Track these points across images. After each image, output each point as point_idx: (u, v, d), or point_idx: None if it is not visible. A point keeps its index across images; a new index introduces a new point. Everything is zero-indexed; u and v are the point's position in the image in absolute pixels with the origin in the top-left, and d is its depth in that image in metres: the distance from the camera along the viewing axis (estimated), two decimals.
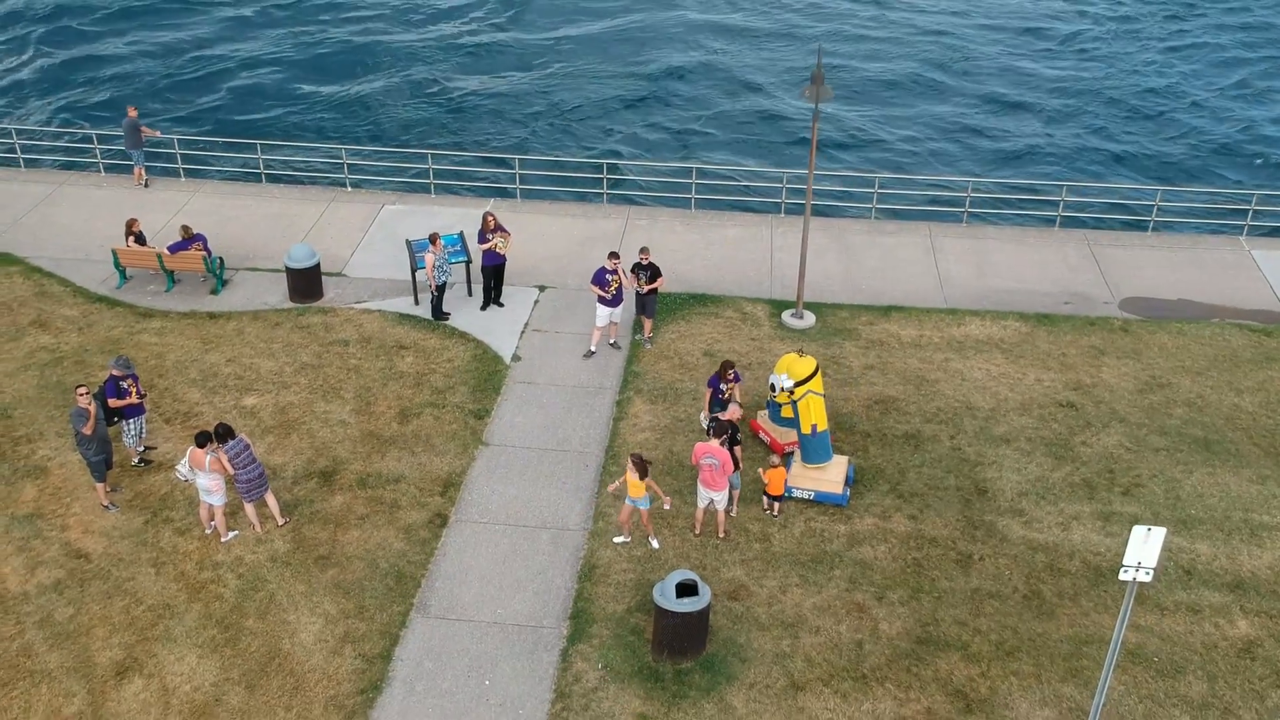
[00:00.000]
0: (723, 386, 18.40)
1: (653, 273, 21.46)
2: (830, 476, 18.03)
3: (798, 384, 17.71)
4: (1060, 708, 14.61)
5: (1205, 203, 29.91)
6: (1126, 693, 14.83)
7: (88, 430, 16.92)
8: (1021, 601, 16.19)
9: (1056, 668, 15.13)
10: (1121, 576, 12.46)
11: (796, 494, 17.92)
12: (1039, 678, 15.00)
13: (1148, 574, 12.54)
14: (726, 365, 18.44)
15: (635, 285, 21.44)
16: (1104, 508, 17.91)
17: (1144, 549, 12.47)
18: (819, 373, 18.04)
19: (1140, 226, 27.47)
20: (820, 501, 17.88)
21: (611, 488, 17.10)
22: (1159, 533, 12.35)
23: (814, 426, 17.90)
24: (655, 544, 16.98)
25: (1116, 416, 20.14)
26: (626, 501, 16.63)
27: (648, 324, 21.94)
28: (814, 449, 18.05)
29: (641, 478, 16.13)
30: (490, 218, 22.70)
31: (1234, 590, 16.47)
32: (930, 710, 14.52)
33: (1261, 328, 22.98)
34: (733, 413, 17.48)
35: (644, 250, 21.52)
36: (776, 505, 17.59)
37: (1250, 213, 26.76)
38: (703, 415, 19.28)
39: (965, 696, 14.72)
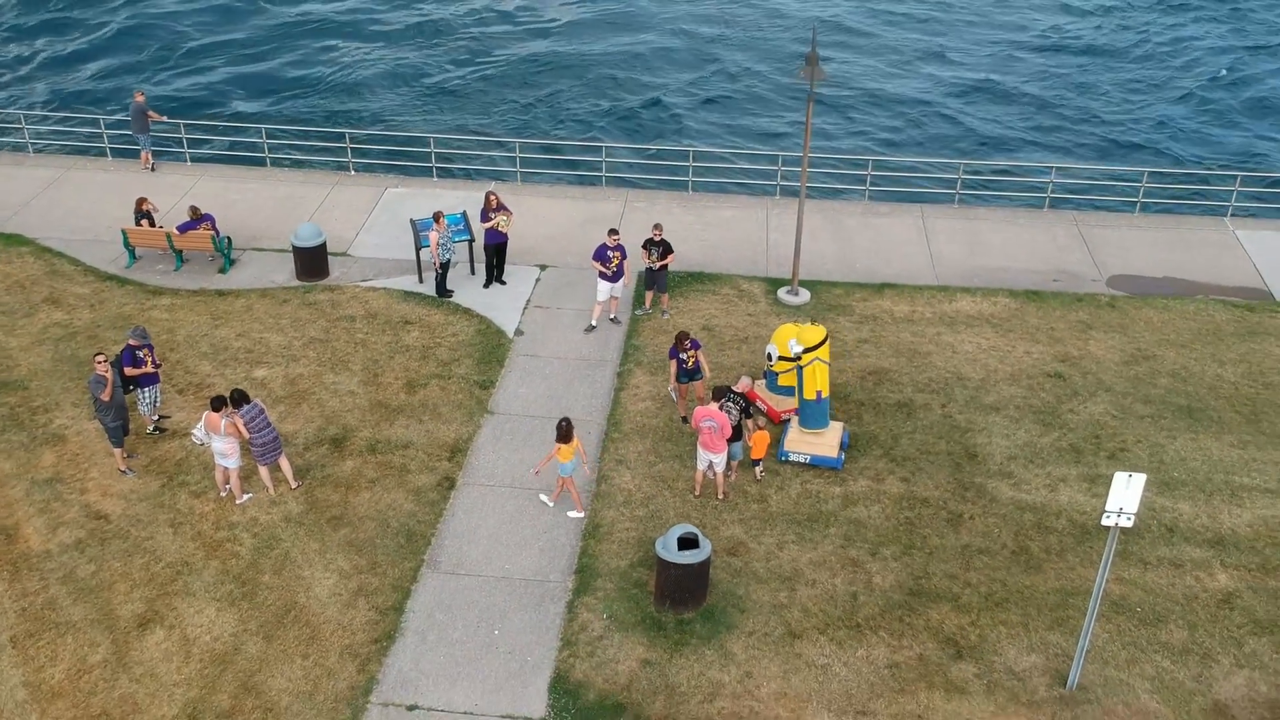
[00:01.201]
0: (683, 356, 18.99)
1: (664, 249, 22.05)
2: (826, 441, 18.63)
3: (806, 350, 18.24)
4: (1047, 654, 15.22)
5: (1190, 184, 30.57)
6: (1110, 640, 15.44)
7: (106, 396, 17.46)
8: (1010, 557, 16.80)
9: (1043, 617, 15.74)
10: (1104, 522, 13.09)
11: (793, 458, 18.51)
12: (1026, 626, 15.61)
13: (1129, 519, 13.19)
14: (682, 335, 19.03)
15: (647, 260, 22.02)
16: (1090, 470, 18.53)
17: (1125, 495, 13.11)
18: (827, 341, 18.59)
19: (1127, 207, 28.10)
20: (816, 465, 18.47)
21: (535, 471, 17.57)
22: (1139, 479, 12.99)
23: (818, 393, 18.46)
24: (580, 515, 17.48)
25: (1103, 386, 20.75)
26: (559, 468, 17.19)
27: (664, 298, 22.55)
28: (813, 414, 18.63)
29: (567, 441, 16.70)
30: (493, 197, 23.27)
31: (1214, 546, 17.10)
32: (922, 657, 15.13)
33: (1244, 303, 23.61)
34: (742, 385, 18.03)
35: (657, 227, 22.13)
36: (758, 469, 18.15)
37: (1234, 194, 27.41)
38: (670, 387, 19.78)
39: (956, 644, 15.33)
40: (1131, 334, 22.42)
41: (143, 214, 24.24)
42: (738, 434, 17.64)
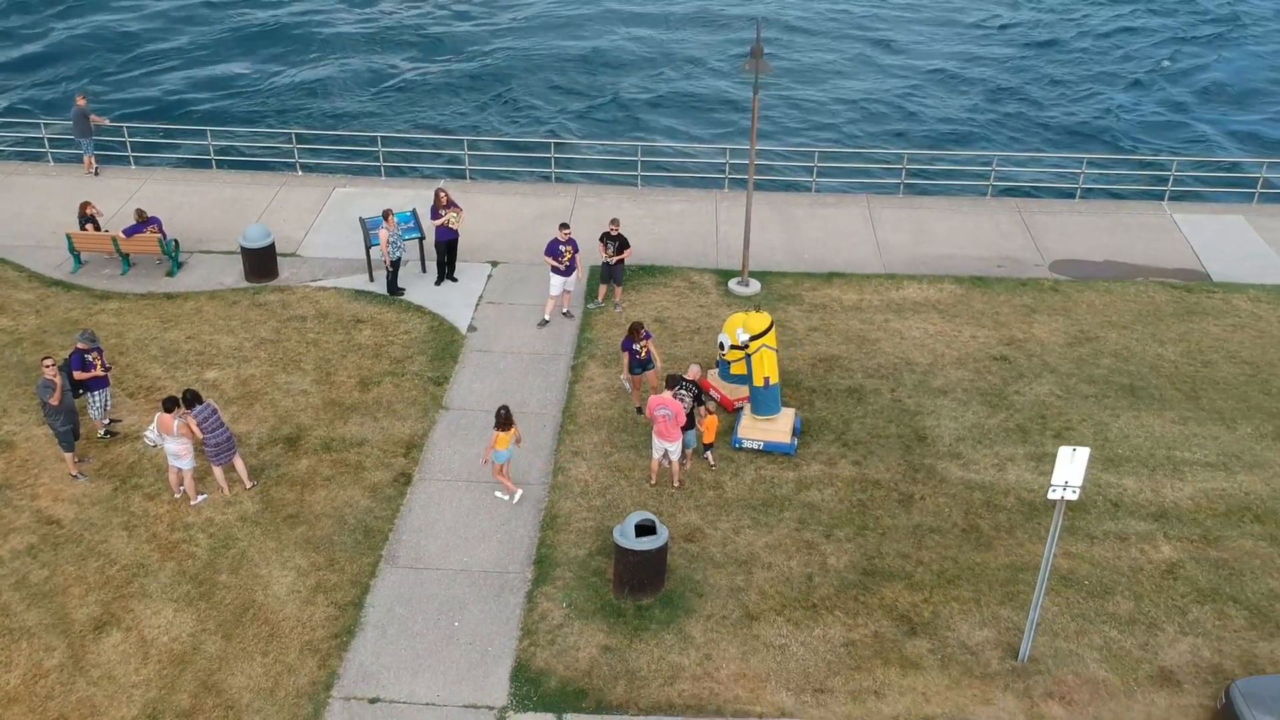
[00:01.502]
0: (635, 346, 19.18)
1: (621, 243, 22.21)
2: (779, 427, 18.87)
3: (752, 338, 18.48)
4: (999, 628, 15.55)
5: (1128, 170, 31.24)
6: (1060, 612, 15.80)
7: (55, 400, 17.30)
8: (960, 535, 17.14)
9: (994, 593, 16.08)
10: (1050, 496, 13.42)
11: (747, 444, 18.74)
12: (978, 602, 15.94)
13: (1074, 493, 13.52)
14: (636, 326, 19.23)
15: (604, 254, 22.16)
16: (1036, 449, 18.92)
17: (1070, 469, 13.45)
18: (773, 328, 18.85)
19: (1068, 194, 28.66)
20: (769, 451, 18.70)
21: (484, 461, 17.69)
22: (1083, 453, 13.33)
23: (766, 379, 18.71)
24: (510, 498, 17.67)
25: (1047, 368, 21.18)
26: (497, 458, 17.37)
27: (618, 291, 22.70)
28: (764, 401, 18.87)
29: (506, 429, 16.90)
30: (443, 194, 23.29)
31: (1158, 519, 17.54)
32: (877, 634, 15.40)
33: (1182, 284, 24.19)
34: (692, 373, 18.22)
35: (614, 221, 22.32)
36: (710, 454, 18.36)
37: (1171, 179, 28.05)
38: (623, 377, 19.94)
39: (909, 620, 15.62)
40: (1074, 316, 22.89)
41: (87, 218, 23.99)
42: (691, 422, 17.84)
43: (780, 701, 14.44)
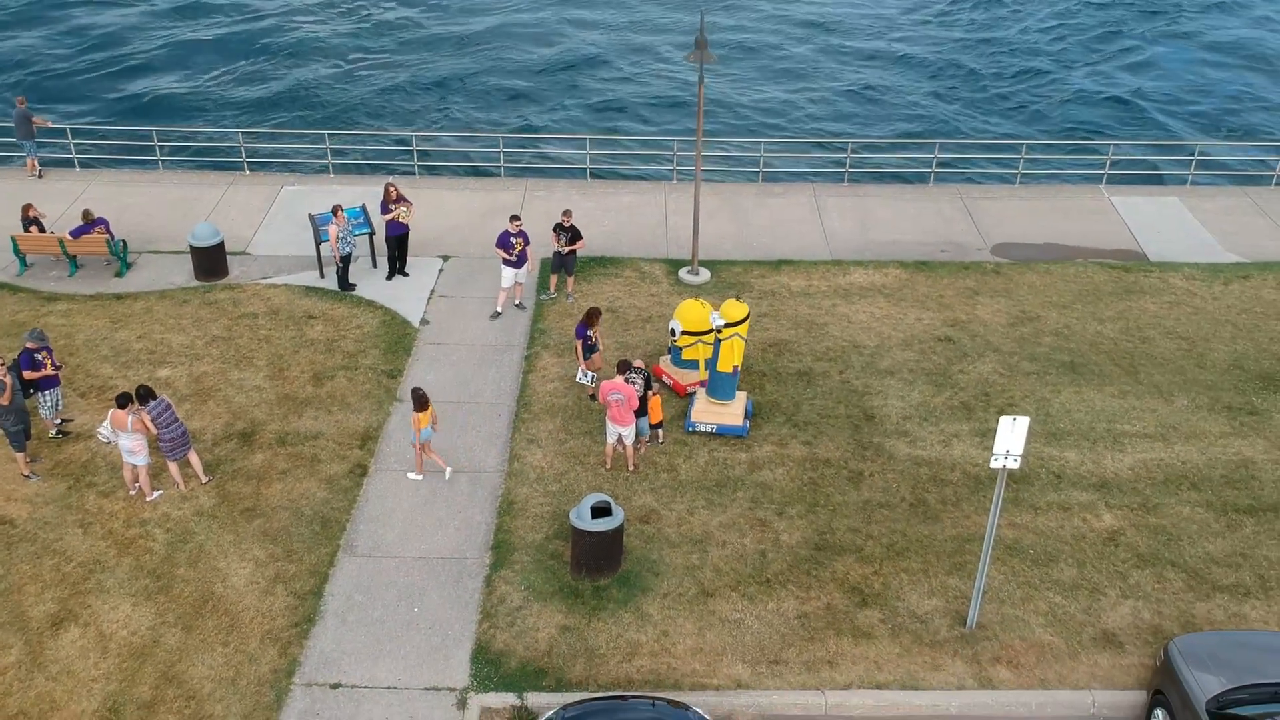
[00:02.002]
0: (589, 333, 19.45)
1: (573, 234, 22.40)
2: (731, 410, 19.17)
3: (728, 325, 18.62)
4: (947, 597, 15.96)
5: (1067, 154, 31.95)
6: (1006, 580, 16.25)
7: (4, 400, 17.23)
8: (909, 509, 17.54)
9: (942, 563, 16.50)
10: (992, 464, 13.83)
11: (700, 428, 19.03)
12: (926, 573, 16.35)
13: (1015, 460, 13.95)
14: (594, 312, 19.50)
15: (557, 245, 22.35)
16: (981, 425, 19.39)
17: (1011, 438, 13.87)
18: (749, 319, 19.02)
19: (1008, 179, 29.27)
20: (723, 434, 19.00)
21: (416, 442, 17.93)
22: (1023, 421, 13.76)
23: (735, 367, 18.89)
24: (415, 476, 17.98)
25: (991, 347, 21.68)
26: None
27: (570, 281, 22.89)
28: (724, 386, 19.07)
29: (424, 409, 17.30)
30: (392, 189, 23.39)
31: (1099, 489, 18.06)
32: (830, 606, 15.76)
33: (1120, 264, 24.82)
34: (595, 362, 18.59)
35: (566, 213, 22.50)
36: (660, 431, 18.66)
37: (1108, 162, 28.74)
38: (581, 368, 20.08)
39: (861, 592, 15.99)
40: (1016, 298, 23.43)
41: (30, 220, 23.82)
42: (643, 408, 18.10)
43: (736, 674, 14.75)
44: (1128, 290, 23.83)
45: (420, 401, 17.42)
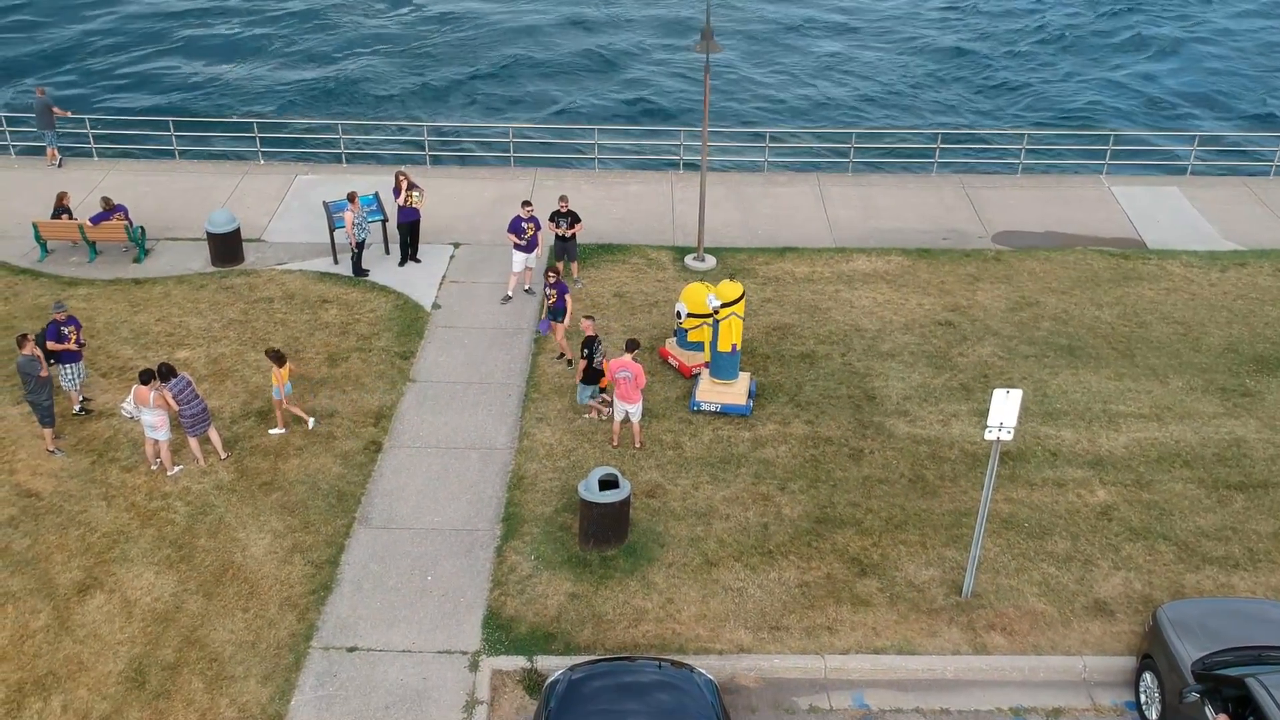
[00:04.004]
0: (549, 289, 20.34)
1: (572, 219, 22.90)
2: (735, 390, 19.67)
3: (724, 304, 19.13)
4: (943, 568, 16.44)
5: (1068, 144, 32.39)
6: (1001, 552, 16.73)
7: (45, 373, 17.86)
8: (908, 485, 18.03)
9: (939, 536, 16.98)
10: (986, 436, 14.30)
11: (705, 407, 19.52)
12: (924, 545, 16.83)
13: (1009, 433, 14.41)
14: (549, 270, 20.49)
15: (556, 231, 22.86)
16: (979, 406, 19.86)
17: (1004, 410, 14.33)
18: (744, 298, 19.50)
19: (1010, 169, 29.71)
20: (726, 413, 19.50)
21: (280, 397, 18.68)
22: (1016, 394, 14.22)
23: (734, 346, 19.39)
24: (278, 431, 18.80)
25: (990, 331, 22.15)
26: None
27: (574, 266, 23.40)
28: (725, 365, 19.58)
29: (281, 365, 18.29)
30: (403, 177, 23.90)
31: (1094, 466, 18.52)
32: (829, 575, 16.25)
33: (1120, 252, 25.26)
34: (587, 326, 19.07)
35: (563, 199, 22.99)
36: (605, 395, 19.28)
37: (1108, 152, 29.17)
38: (560, 343, 20.81)
39: (860, 563, 16.49)
40: (1016, 284, 23.88)
41: (63, 209, 24.41)
42: (596, 375, 18.81)
43: (739, 639, 15.25)
44: (1126, 277, 24.26)
45: (278, 358, 18.34)
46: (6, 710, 14.11)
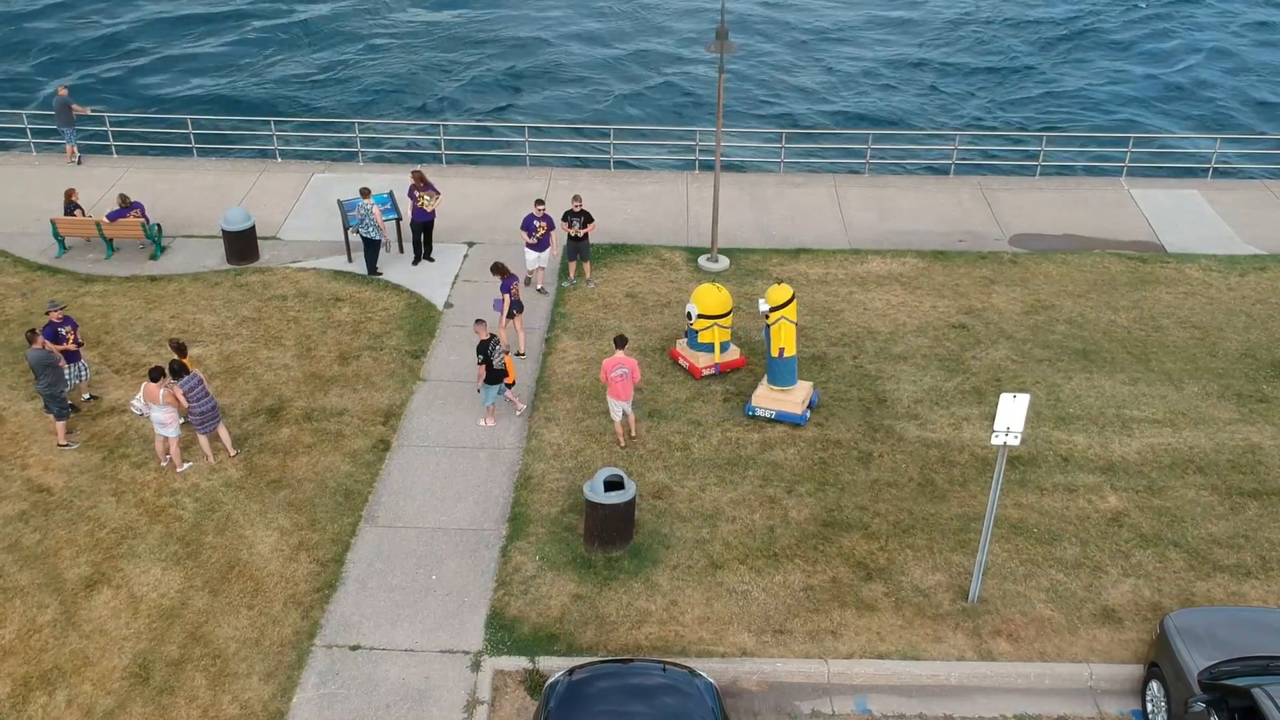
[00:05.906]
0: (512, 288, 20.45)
1: (585, 218, 22.89)
2: (793, 398, 19.28)
3: (774, 308, 18.87)
4: (950, 573, 16.33)
5: (1087, 147, 32.14)
6: (1009, 558, 16.59)
7: (62, 364, 18.04)
8: (916, 489, 17.91)
9: (947, 540, 16.86)
10: (993, 440, 14.19)
11: (760, 413, 19.29)
12: (931, 549, 16.72)
13: (1016, 438, 14.29)
14: (498, 265, 20.59)
15: (569, 231, 22.85)
16: (990, 410, 19.69)
17: (1011, 414, 14.21)
18: (794, 301, 19.07)
19: (1028, 171, 29.49)
20: (781, 421, 19.21)
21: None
22: (1023, 398, 14.10)
23: (781, 350, 19.04)
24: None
25: (1004, 334, 21.98)
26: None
27: (587, 266, 23.38)
28: (781, 372, 19.17)
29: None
30: (418, 176, 23.93)
31: (1105, 472, 18.35)
32: (835, 579, 16.16)
33: (1137, 255, 25.03)
34: (480, 329, 18.88)
35: (576, 198, 22.98)
36: (509, 392, 19.26)
37: (1128, 155, 28.91)
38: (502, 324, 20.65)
39: (866, 567, 16.39)
40: (1031, 287, 23.69)
41: (73, 205, 24.58)
42: (498, 375, 18.75)
43: (742, 642, 15.19)
44: (1143, 281, 24.03)
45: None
46: (12, 704, 14.22)
